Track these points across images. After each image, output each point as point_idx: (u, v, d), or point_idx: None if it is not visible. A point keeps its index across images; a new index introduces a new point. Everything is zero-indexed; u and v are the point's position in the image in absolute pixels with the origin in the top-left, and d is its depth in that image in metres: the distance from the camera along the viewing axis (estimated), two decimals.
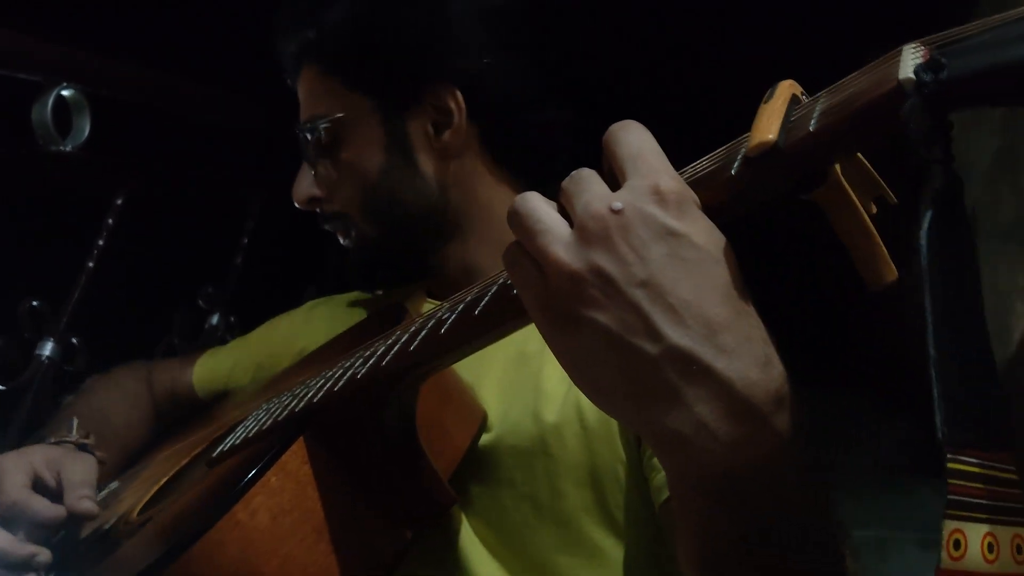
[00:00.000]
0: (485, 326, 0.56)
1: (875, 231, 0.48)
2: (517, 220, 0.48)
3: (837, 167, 0.46)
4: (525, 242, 0.47)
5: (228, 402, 1.09)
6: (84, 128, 1.55)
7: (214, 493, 0.69)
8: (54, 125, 1.49)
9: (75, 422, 0.95)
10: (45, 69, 1.50)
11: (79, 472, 0.86)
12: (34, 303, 1.50)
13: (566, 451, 0.81)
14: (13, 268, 1.66)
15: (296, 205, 0.96)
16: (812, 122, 0.44)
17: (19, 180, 1.59)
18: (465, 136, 0.93)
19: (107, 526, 0.84)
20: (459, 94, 0.91)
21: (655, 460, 0.78)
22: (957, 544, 0.38)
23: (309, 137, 0.94)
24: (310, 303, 1.16)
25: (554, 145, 0.98)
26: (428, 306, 0.99)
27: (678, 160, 0.51)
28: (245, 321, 1.97)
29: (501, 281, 0.56)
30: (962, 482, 0.38)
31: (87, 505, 0.83)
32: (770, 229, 1.21)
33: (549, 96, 0.96)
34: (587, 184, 0.47)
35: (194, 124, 2.03)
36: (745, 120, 0.49)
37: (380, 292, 1.03)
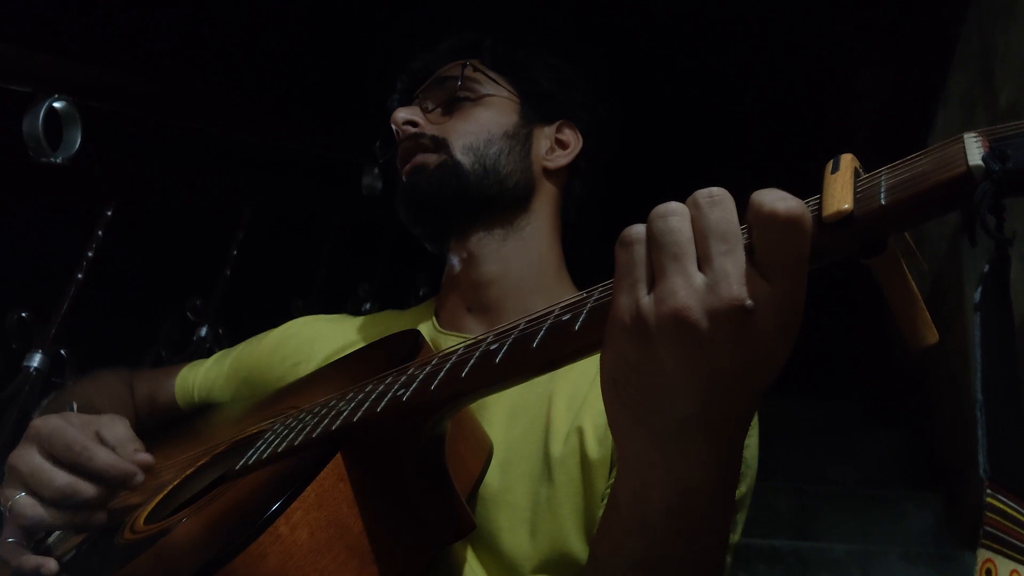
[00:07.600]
0: (542, 360, 0.60)
1: (920, 296, 0.52)
2: (667, 229, 0.53)
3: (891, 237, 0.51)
4: (664, 259, 0.52)
5: (216, 415, 1.09)
6: (75, 140, 1.54)
7: (251, 505, 0.69)
8: (45, 137, 1.49)
9: (75, 405, 0.95)
10: (37, 80, 1.50)
11: (120, 429, 0.86)
12: (22, 314, 1.49)
13: (569, 481, 0.87)
14: (2, 279, 1.65)
15: (392, 123, 1.07)
16: (882, 196, 0.49)
17: (9, 192, 1.58)
18: (563, 175, 1.09)
19: (109, 534, 0.82)
20: (580, 135, 1.11)
21: (610, 481, 0.85)
22: (988, 573, 0.43)
23: (447, 86, 1.08)
24: (298, 320, 1.17)
25: (593, 225, 1.12)
26: (438, 335, 1.04)
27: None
28: (233, 333, 1.97)
29: (552, 320, 0.59)
30: (998, 518, 0.43)
31: (145, 456, 0.82)
32: None
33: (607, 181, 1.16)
34: (686, 259, 0.52)
35: (184, 136, 2.04)
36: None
37: (421, 231, 1.08)
